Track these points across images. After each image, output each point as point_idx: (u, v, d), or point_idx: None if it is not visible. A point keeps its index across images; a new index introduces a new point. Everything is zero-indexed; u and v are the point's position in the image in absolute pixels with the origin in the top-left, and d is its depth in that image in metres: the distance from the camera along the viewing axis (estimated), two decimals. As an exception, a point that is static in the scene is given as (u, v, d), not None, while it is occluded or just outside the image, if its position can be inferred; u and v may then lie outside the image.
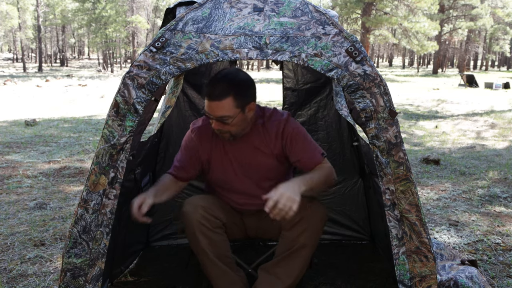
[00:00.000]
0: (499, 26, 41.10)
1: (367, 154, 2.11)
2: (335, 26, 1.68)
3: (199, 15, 1.69)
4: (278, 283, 1.93)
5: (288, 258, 1.93)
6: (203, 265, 1.95)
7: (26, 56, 50.37)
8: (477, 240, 3.03)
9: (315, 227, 1.90)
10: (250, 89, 1.92)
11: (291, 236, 1.90)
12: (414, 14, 27.43)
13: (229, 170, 2.06)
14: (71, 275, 1.69)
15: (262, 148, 2.01)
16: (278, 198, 1.67)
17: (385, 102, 1.68)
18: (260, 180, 2.07)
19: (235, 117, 1.86)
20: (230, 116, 1.85)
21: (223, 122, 1.86)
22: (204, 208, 1.92)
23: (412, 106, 12.83)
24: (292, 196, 1.68)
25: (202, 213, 1.90)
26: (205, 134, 2.07)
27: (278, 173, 2.07)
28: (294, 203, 1.67)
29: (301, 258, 1.92)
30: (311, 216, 1.89)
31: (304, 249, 1.90)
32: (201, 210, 1.91)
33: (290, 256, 1.92)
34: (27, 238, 2.96)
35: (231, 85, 1.83)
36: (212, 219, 1.91)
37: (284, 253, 1.93)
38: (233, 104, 1.84)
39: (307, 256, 1.93)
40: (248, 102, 1.90)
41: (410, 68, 55.03)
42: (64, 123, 8.85)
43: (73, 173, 4.80)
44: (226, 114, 1.84)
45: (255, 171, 2.05)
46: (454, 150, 6.66)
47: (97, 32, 37.99)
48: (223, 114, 1.84)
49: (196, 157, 2.08)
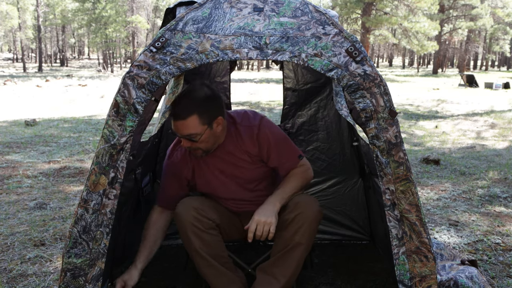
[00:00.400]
0: (499, 26, 41.08)
1: (367, 154, 2.11)
2: (335, 26, 1.68)
3: (199, 15, 1.69)
4: (275, 282, 1.92)
5: (283, 257, 1.92)
6: (198, 267, 1.95)
7: (26, 56, 50.36)
8: (477, 240, 3.03)
9: (309, 225, 1.89)
10: (215, 104, 1.91)
11: (286, 235, 1.90)
12: (414, 14, 27.42)
13: (214, 181, 2.08)
14: (71, 275, 1.69)
15: (238, 154, 2.02)
16: (255, 226, 1.84)
17: (385, 102, 1.68)
18: (247, 183, 2.09)
19: (203, 133, 1.87)
20: (197, 133, 1.86)
21: (191, 140, 1.88)
22: (196, 209, 1.92)
23: (412, 106, 12.83)
24: (268, 220, 1.84)
25: (194, 214, 1.91)
26: (182, 154, 2.08)
27: (262, 172, 2.09)
28: (270, 225, 1.84)
29: (296, 257, 1.91)
30: (305, 215, 1.89)
31: (298, 247, 1.90)
32: (193, 211, 1.91)
33: (285, 255, 1.92)
34: (27, 238, 2.96)
35: (194, 103, 1.83)
36: (204, 220, 1.92)
37: (279, 253, 1.93)
38: (199, 122, 1.84)
39: (302, 255, 1.92)
40: (215, 117, 1.89)
41: (410, 68, 55.03)
42: (64, 123, 8.85)
43: (73, 173, 4.80)
44: (193, 132, 1.85)
45: (238, 177, 2.07)
46: (454, 150, 6.66)
47: (97, 32, 37.98)
48: (189, 132, 1.85)
49: (181, 179, 2.10)
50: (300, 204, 1.92)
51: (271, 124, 2.06)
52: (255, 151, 2.01)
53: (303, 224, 1.88)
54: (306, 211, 1.90)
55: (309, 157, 2.85)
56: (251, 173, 2.07)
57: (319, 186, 2.90)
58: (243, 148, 2.01)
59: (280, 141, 2.03)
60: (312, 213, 1.91)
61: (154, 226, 2.09)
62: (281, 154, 2.02)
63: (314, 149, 2.86)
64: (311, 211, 1.91)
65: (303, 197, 2.00)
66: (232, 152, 2.02)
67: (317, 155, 2.86)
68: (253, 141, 2.00)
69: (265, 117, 2.07)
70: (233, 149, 2.02)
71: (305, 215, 1.89)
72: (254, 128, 1.99)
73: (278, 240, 1.95)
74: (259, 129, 1.99)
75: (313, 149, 2.86)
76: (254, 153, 2.02)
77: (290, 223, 1.90)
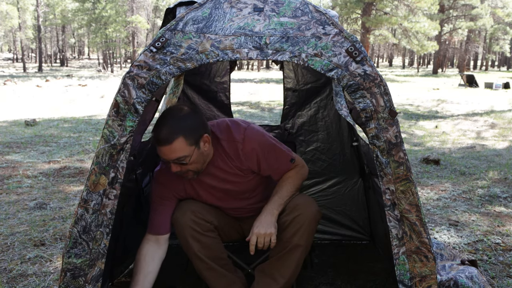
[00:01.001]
0: (499, 26, 41.08)
1: (367, 154, 2.11)
2: (335, 26, 1.68)
3: (199, 15, 1.68)
4: (274, 284, 1.92)
5: (282, 258, 1.92)
6: (198, 269, 1.95)
7: (26, 56, 50.35)
8: (477, 240, 3.03)
9: (308, 226, 1.89)
10: (198, 122, 1.82)
11: (285, 237, 1.90)
12: (414, 14, 27.42)
13: (208, 197, 2.04)
14: (71, 275, 1.69)
15: (229, 170, 1.97)
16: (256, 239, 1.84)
17: (385, 102, 1.68)
18: (241, 194, 2.06)
19: (192, 155, 1.79)
20: (185, 156, 1.78)
21: (181, 163, 1.80)
22: (193, 212, 1.91)
23: (412, 106, 12.83)
24: (268, 231, 1.85)
25: (191, 217, 1.90)
26: (171, 176, 1.96)
27: (255, 182, 2.05)
28: (271, 236, 1.85)
29: (295, 258, 1.91)
30: (304, 216, 1.89)
31: (297, 249, 1.89)
32: (191, 215, 1.90)
33: (284, 256, 1.92)
34: (27, 238, 2.96)
35: (177, 125, 1.75)
36: (202, 222, 1.91)
37: (278, 254, 1.93)
38: (185, 143, 1.76)
39: (300, 256, 1.92)
40: (200, 135, 1.81)
41: (410, 68, 55.03)
42: (64, 123, 8.85)
43: (73, 173, 4.80)
44: (181, 155, 1.77)
45: (232, 191, 2.03)
46: (454, 150, 6.66)
47: (97, 32, 37.97)
48: (177, 156, 1.77)
49: (172, 201, 2.01)
50: (299, 206, 1.92)
51: (256, 132, 1.96)
52: (245, 165, 1.95)
53: (302, 225, 1.88)
54: (305, 213, 1.90)
55: (309, 158, 2.85)
56: (245, 186, 2.03)
57: (319, 186, 2.90)
58: (232, 164, 1.95)
59: (269, 149, 1.95)
60: (311, 214, 1.91)
61: (152, 261, 1.93)
62: (271, 163, 1.97)
63: (314, 149, 2.86)
64: (310, 212, 1.91)
65: (301, 198, 1.99)
66: (223, 168, 1.96)
67: (317, 155, 2.86)
68: (240, 157, 1.93)
69: (249, 126, 1.96)
70: (223, 165, 1.95)
71: (304, 216, 1.89)
72: (238, 144, 1.91)
73: (277, 242, 1.95)
74: (244, 144, 1.91)
75: (313, 150, 2.86)
76: (244, 167, 1.96)
77: (289, 224, 1.89)
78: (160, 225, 1.98)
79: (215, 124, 1.99)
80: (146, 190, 2.31)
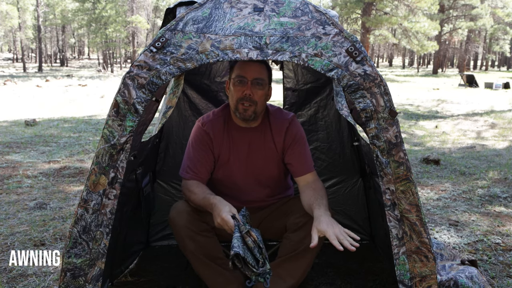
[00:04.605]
0: (499, 26, 41.04)
1: (368, 154, 2.11)
2: (335, 26, 1.68)
3: (199, 15, 1.68)
4: (281, 283, 1.93)
5: (293, 259, 1.94)
6: (195, 268, 1.98)
7: (26, 56, 50.34)
8: (477, 240, 3.03)
9: None
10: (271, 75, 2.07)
11: (296, 238, 1.92)
12: (414, 14, 27.42)
13: (234, 166, 2.09)
14: (71, 275, 1.69)
15: (266, 141, 2.08)
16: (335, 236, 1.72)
17: (385, 102, 1.68)
18: (261, 175, 2.12)
19: (266, 86, 1.98)
20: (264, 79, 1.96)
21: (258, 84, 1.93)
22: (189, 213, 1.94)
23: (412, 106, 12.83)
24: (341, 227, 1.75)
25: (187, 217, 1.92)
26: (217, 128, 2.09)
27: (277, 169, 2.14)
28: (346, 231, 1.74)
29: (305, 260, 1.94)
30: None
31: (308, 251, 1.91)
32: (187, 215, 1.93)
33: (294, 257, 1.93)
34: (27, 238, 2.96)
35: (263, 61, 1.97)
36: (198, 222, 1.93)
37: (288, 254, 1.94)
38: (266, 74, 1.99)
39: (311, 258, 1.95)
40: (270, 83, 2.04)
41: (410, 68, 55.01)
42: (64, 123, 8.84)
43: (73, 173, 4.80)
44: (264, 77, 1.96)
45: (257, 166, 2.10)
46: (454, 150, 6.66)
47: (97, 32, 37.96)
48: (261, 76, 1.95)
49: (209, 152, 2.08)
50: None
51: (301, 126, 2.17)
52: (280, 142, 2.08)
53: None
54: None
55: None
56: (271, 166, 2.11)
57: (319, 186, 2.89)
58: (272, 139, 2.08)
59: (304, 142, 2.13)
60: None
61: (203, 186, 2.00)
62: (300, 154, 2.09)
63: (314, 149, 2.86)
64: None
65: None
66: (262, 141, 2.09)
67: (317, 155, 2.86)
68: (282, 133, 2.08)
69: (296, 116, 2.19)
70: (263, 137, 2.09)
71: None
72: (285, 122, 2.10)
73: (287, 242, 1.96)
74: (290, 124, 2.10)
75: (313, 149, 2.86)
76: (279, 146, 2.09)
77: (302, 227, 1.92)
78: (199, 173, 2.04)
79: (268, 104, 2.17)
80: (146, 190, 2.31)
